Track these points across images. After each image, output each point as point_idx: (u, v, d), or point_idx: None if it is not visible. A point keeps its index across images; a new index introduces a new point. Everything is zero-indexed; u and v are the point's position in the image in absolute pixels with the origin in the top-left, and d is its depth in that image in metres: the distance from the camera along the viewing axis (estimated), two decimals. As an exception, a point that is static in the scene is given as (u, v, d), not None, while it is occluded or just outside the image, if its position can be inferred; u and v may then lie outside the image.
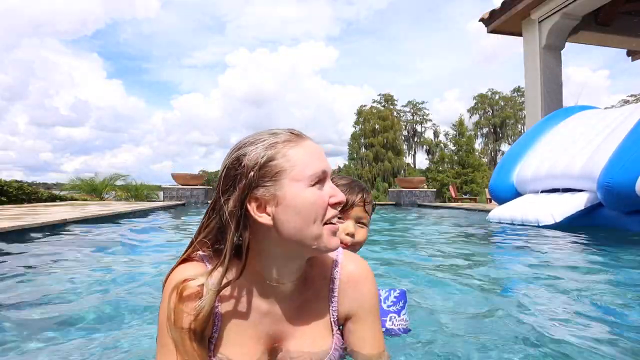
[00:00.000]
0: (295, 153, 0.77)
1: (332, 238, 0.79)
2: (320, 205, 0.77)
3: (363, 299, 0.89)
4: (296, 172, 0.76)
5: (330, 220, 0.78)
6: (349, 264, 0.91)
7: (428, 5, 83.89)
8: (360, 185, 1.27)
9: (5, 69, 69.45)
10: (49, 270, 2.37)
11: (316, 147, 0.82)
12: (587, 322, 1.48)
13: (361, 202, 1.23)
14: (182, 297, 0.76)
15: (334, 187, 0.81)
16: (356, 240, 1.22)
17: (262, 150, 0.77)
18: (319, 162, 0.78)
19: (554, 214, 4.53)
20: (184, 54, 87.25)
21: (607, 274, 2.40)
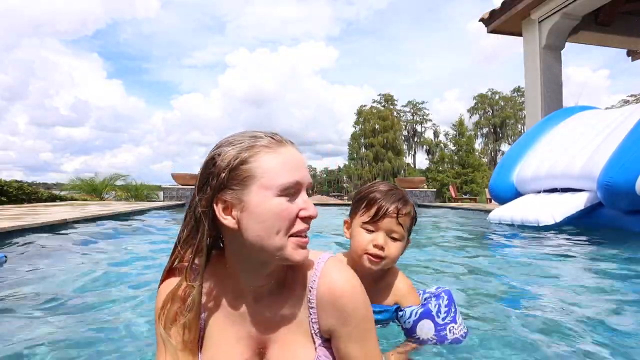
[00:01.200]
0: (268, 160, 0.75)
1: (297, 251, 0.76)
2: (285, 217, 0.74)
3: (344, 316, 0.80)
4: (266, 179, 0.74)
5: (298, 233, 0.76)
6: (330, 274, 0.82)
7: (428, 5, 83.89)
8: (398, 194, 1.15)
9: (5, 69, 69.41)
10: (49, 270, 2.37)
11: (294, 157, 0.79)
12: (588, 322, 1.48)
13: (394, 213, 1.11)
14: (174, 303, 0.82)
15: (307, 200, 0.78)
16: (386, 254, 1.11)
17: (236, 152, 0.76)
18: (292, 173, 0.76)
19: (554, 214, 4.53)
20: (184, 54, 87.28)
21: (608, 274, 2.40)
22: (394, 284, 1.19)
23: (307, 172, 0.80)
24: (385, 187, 1.17)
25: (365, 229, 1.13)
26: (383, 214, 1.10)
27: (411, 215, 1.16)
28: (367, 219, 1.12)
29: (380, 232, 1.11)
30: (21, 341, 1.28)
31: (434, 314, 1.11)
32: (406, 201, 1.15)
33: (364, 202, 1.15)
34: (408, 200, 1.16)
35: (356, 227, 1.16)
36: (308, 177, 0.80)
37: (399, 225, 1.11)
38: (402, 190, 1.18)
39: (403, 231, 1.12)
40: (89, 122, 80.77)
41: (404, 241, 1.15)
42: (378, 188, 1.16)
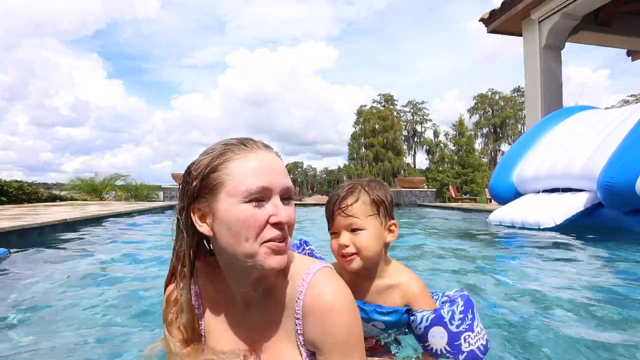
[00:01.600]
0: (235, 167, 0.76)
1: (270, 257, 0.75)
2: (252, 223, 0.73)
3: (327, 333, 0.77)
4: (231, 186, 0.75)
5: (270, 239, 0.75)
6: (318, 287, 0.79)
7: (428, 5, 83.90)
8: (344, 187, 1.08)
9: (5, 69, 69.48)
10: (49, 270, 2.37)
11: (264, 162, 0.77)
12: (587, 322, 1.48)
13: (337, 208, 1.04)
14: (169, 307, 0.90)
15: (278, 205, 0.76)
16: (355, 249, 1.02)
17: (208, 161, 0.78)
18: (258, 178, 0.75)
19: (554, 216, 4.52)
20: (184, 54, 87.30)
21: (607, 274, 2.40)
22: (401, 283, 1.09)
23: (281, 177, 0.78)
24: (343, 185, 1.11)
25: (332, 235, 1.07)
26: (330, 214, 1.06)
27: (363, 200, 1.04)
28: (328, 227, 1.08)
29: (340, 231, 1.04)
30: (20, 341, 1.28)
31: (446, 321, 0.99)
32: (351, 191, 1.06)
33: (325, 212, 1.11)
34: (355, 188, 1.06)
35: (330, 240, 1.10)
36: (281, 182, 0.77)
37: (349, 217, 1.02)
38: (357, 182, 1.09)
39: (358, 220, 1.02)
40: (89, 122, 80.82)
41: (372, 229, 1.03)
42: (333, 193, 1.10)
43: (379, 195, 1.07)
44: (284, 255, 0.77)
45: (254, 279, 0.81)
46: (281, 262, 0.77)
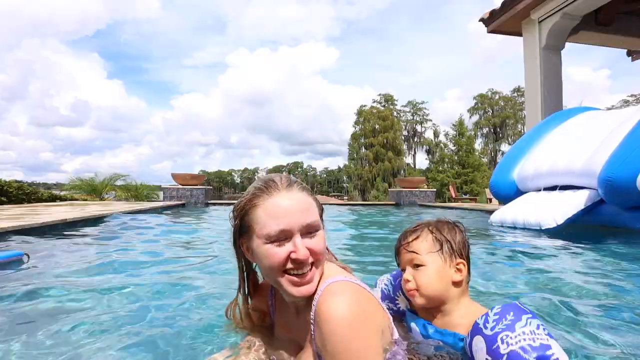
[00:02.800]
0: (258, 213, 0.89)
1: (292, 287, 0.89)
2: (273, 261, 0.87)
3: (325, 342, 0.80)
4: (258, 230, 0.89)
5: (290, 271, 0.88)
6: (327, 298, 0.85)
7: (428, 5, 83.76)
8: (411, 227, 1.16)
9: (6, 69, 69.37)
10: (49, 270, 2.37)
11: (282, 205, 0.88)
12: (587, 323, 1.48)
13: (399, 245, 1.14)
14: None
15: (297, 244, 0.86)
16: (416, 286, 1.06)
17: (242, 205, 0.94)
18: (277, 222, 0.86)
19: (555, 216, 4.52)
20: (184, 54, 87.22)
21: (607, 274, 2.40)
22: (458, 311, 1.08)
23: (300, 216, 0.87)
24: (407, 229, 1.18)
25: (401, 271, 1.16)
26: (396, 249, 1.15)
27: (424, 237, 1.10)
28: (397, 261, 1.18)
29: (406, 267, 1.11)
30: (19, 341, 1.28)
31: (481, 326, 0.90)
32: (414, 229, 1.14)
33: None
34: (419, 227, 1.14)
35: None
36: (299, 222, 0.87)
37: (410, 253, 1.09)
38: (425, 222, 1.16)
39: (419, 256, 1.07)
40: (89, 122, 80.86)
41: (432, 265, 1.06)
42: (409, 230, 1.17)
43: (444, 233, 1.11)
44: (307, 285, 0.89)
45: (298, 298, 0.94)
46: (302, 292, 0.89)
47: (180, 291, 1.91)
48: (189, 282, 2.08)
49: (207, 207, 10.29)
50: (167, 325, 1.42)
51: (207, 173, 64.12)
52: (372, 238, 4.45)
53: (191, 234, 4.54)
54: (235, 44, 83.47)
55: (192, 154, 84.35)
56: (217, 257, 2.82)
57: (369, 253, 3.35)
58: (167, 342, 1.28)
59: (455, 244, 1.11)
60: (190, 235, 4.39)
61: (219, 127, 75.47)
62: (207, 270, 2.43)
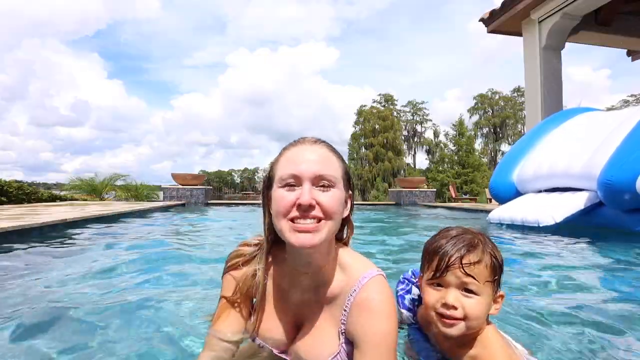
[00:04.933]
0: (280, 161, 0.93)
1: (293, 234, 0.87)
2: (281, 204, 0.88)
3: (366, 332, 0.87)
4: (276, 176, 0.92)
5: (293, 218, 0.87)
6: (371, 290, 0.91)
7: (428, 5, 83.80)
8: (464, 239, 0.96)
9: (6, 69, 69.40)
10: (49, 270, 2.37)
11: (299, 153, 0.91)
12: (585, 322, 1.48)
13: (457, 262, 0.92)
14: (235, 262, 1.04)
15: (305, 190, 0.87)
16: (462, 314, 0.91)
17: (276, 157, 0.96)
18: (289, 167, 0.89)
19: (554, 214, 4.53)
20: (184, 54, 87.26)
21: (606, 274, 2.40)
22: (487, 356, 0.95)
23: (313, 165, 0.89)
24: (453, 232, 0.99)
25: (432, 285, 0.96)
26: (445, 265, 0.93)
27: (486, 262, 0.93)
28: (431, 274, 0.97)
29: (449, 288, 0.93)
30: (19, 341, 1.29)
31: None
32: (474, 245, 0.94)
33: (427, 256, 1.00)
34: (478, 244, 0.95)
35: (424, 285, 1.00)
36: (311, 170, 0.88)
37: (469, 277, 0.91)
38: (474, 233, 0.99)
39: (477, 283, 0.91)
40: (89, 122, 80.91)
41: (485, 296, 0.92)
42: (441, 237, 0.99)
43: (499, 259, 0.97)
44: (310, 235, 0.86)
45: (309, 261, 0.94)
46: (305, 241, 0.86)
47: (178, 291, 1.91)
48: (189, 282, 2.08)
49: (207, 207, 10.29)
50: (166, 326, 1.42)
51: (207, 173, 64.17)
52: (367, 241, 4.46)
53: (191, 234, 4.54)
54: (235, 44, 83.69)
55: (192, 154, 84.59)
56: (217, 258, 2.82)
57: (367, 253, 3.35)
58: (162, 341, 1.28)
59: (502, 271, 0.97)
60: (189, 236, 4.38)
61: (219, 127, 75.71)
62: (207, 270, 2.43)
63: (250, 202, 12.34)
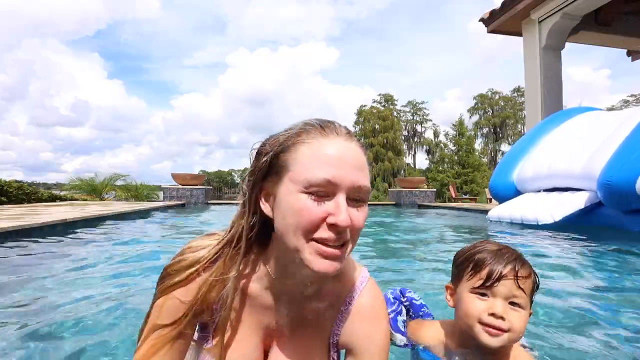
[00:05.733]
0: (303, 151, 0.69)
1: (316, 259, 0.67)
2: (305, 217, 0.66)
3: (367, 337, 0.82)
4: (295, 172, 0.68)
5: (321, 240, 0.67)
6: (368, 295, 0.84)
7: (428, 5, 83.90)
8: (512, 253, 0.96)
9: (6, 69, 69.48)
10: (49, 270, 2.37)
11: (337, 151, 0.68)
12: (584, 322, 1.48)
13: (512, 274, 0.91)
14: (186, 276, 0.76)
15: (340, 205, 0.66)
16: (508, 326, 0.89)
17: (283, 139, 0.72)
18: (325, 169, 0.66)
19: (553, 213, 4.53)
20: (184, 54, 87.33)
21: (605, 274, 2.40)
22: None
23: (354, 172, 0.68)
24: (494, 247, 0.98)
25: (477, 294, 0.93)
26: (498, 276, 0.91)
27: (532, 278, 0.95)
28: (478, 283, 0.93)
29: (497, 298, 0.91)
30: (19, 341, 1.29)
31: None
32: (524, 261, 0.96)
33: (471, 264, 0.97)
34: (526, 261, 0.97)
35: (464, 293, 0.96)
36: (351, 178, 0.67)
37: (520, 290, 0.91)
38: (512, 248, 1.00)
39: (525, 298, 0.91)
40: (89, 122, 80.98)
41: (527, 310, 0.93)
42: (485, 247, 0.98)
43: (537, 277, 0.98)
44: (334, 262, 0.68)
45: (305, 277, 0.76)
46: (329, 267, 0.68)
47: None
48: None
49: (207, 207, 10.29)
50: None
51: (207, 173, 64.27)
52: (367, 241, 4.46)
53: (191, 234, 4.54)
54: (235, 44, 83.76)
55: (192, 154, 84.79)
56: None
57: (369, 254, 3.35)
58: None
59: None
60: (190, 235, 4.39)
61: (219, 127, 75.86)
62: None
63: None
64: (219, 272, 0.75)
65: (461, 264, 1.01)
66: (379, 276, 2.28)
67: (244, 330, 0.81)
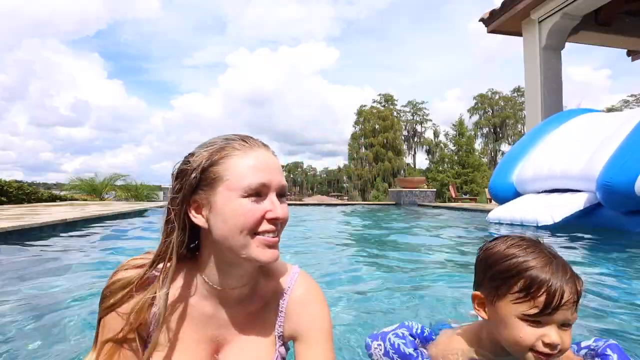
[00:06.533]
0: (235, 163, 0.78)
1: (263, 250, 0.77)
2: (249, 217, 0.76)
3: (310, 323, 0.88)
4: (231, 181, 0.77)
5: (263, 232, 0.77)
6: (303, 284, 0.92)
7: (428, 5, 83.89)
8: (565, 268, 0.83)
9: (6, 69, 69.50)
10: (49, 270, 2.37)
11: (263, 159, 0.80)
12: (584, 322, 1.48)
13: (572, 299, 0.80)
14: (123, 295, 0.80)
15: (274, 202, 0.78)
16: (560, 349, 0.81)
17: (208, 154, 0.79)
18: (257, 175, 0.77)
19: (552, 214, 4.53)
20: (184, 54, 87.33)
21: (604, 274, 2.40)
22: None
23: (278, 174, 0.81)
24: (542, 258, 0.84)
25: (529, 322, 0.81)
26: (558, 305, 0.79)
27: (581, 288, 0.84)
28: (532, 311, 0.80)
29: (552, 325, 0.80)
30: (19, 341, 1.29)
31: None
32: (577, 276, 0.84)
33: (519, 283, 0.82)
34: (569, 267, 0.85)
35: (510, 317, 0.83)
36: (277, 179, 0.80)
37: (572, 309, 0.80)
38: (561, 258, 0.87)
39: (575, 314, 0.82)
40: (89, 122, 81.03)
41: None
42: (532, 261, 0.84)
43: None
44: (276, 250, 0.80)
45: (244, 274, 0.84)
46: (274, 255, 0.79)
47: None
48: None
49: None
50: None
51: (207, 173, 63.95)
52: (368, 240, 4.46)
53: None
54: (235, 44, 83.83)
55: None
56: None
57: (368, 253, 3.35)
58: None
59: None
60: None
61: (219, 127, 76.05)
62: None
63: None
64: (153, 291, 0.79)
65: (504, 279, 0.85)
66: (379, 276, 2.28)
67: (189, 344, 0.84)
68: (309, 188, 65.06)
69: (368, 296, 1.84)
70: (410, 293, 1.89)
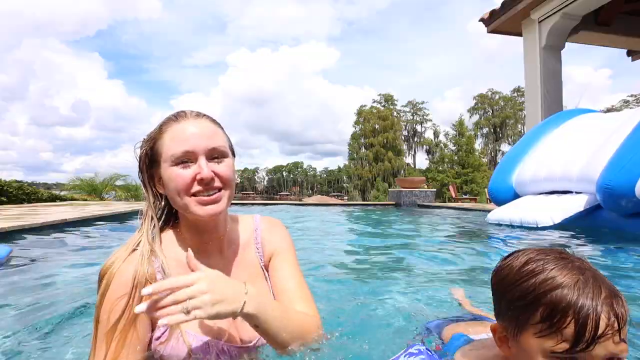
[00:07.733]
0: (165, 138, 0.92)
1: (199, 207, 0.90)
2: (180, 181, 0.89)
3: (279, 239, 1.12)
4: (164, 154, 0.91)
5: (197, 193, 0.90)
6: (265, 221, 1.14)
7: (428, 5, 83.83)
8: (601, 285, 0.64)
9: (6, 69, 69.43)
10: (49, 270, 2.37)
11: (187, 130, 0.91)
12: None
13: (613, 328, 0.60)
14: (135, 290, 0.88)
15: (201, 165, 0.89)
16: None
17: (151, 135, 0.96)
18: (182, 144, 0.89)
19: (552, 215, 4.53)
20: (185, 54, 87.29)
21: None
22: None
23: (205, 140, 0.90)
24: (563, 275, 0.65)
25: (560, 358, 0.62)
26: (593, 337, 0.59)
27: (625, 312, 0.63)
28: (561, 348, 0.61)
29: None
30: (19, 340, 1.29)
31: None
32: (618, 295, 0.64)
33: (540, 310, 0.63)
34: (618, 291, 0.65)
35: (537, 356, 0.64)
36: (203, 145, 0.90)
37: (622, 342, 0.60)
38: (593, 270, 0.68)
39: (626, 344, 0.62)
40: (89, 122, 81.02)
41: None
42: (550, 283, 0.64)
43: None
44: (214, 205, 0.91)
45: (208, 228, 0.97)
46: (208, 211, 0.91)
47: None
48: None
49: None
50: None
51: (207, 173, 64.18)
52: (368, 240, 4.46)
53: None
54: (235, 43, 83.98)
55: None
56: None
57: (368, 254, 3.35)
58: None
59: None
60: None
61: (219, 127, 76.47)
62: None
63: (250, 202, 12.34)
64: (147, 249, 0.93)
65: (521, 308, 0.66)
66: (379, 277, 2.28)
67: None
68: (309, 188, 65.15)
69: (368, 296, 1.84)
70: (411, 293, 1.89)
